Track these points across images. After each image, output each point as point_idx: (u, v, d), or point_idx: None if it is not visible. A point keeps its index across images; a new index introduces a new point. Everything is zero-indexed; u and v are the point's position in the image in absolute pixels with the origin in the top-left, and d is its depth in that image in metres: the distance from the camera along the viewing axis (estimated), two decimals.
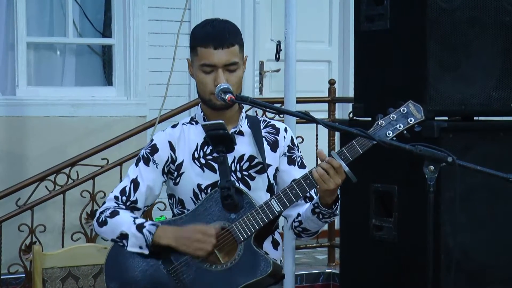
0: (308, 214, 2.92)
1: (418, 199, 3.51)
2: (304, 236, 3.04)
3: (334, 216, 2.90)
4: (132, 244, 2.87)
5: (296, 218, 2.99)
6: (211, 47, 2.88)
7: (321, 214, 2.88)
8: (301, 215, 2.97)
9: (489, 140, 3.81)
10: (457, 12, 3.77)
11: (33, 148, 5.97)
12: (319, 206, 2.85)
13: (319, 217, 2.89)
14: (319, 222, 2.93)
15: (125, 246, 2.88)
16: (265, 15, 6.91)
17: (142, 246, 2.86)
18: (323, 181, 2.74)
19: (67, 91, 6.30)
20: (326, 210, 2.86)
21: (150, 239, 2.85)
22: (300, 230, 3.01)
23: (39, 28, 6.31)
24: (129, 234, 2.86)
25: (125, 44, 6.33)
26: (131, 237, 2.86)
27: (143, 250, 2.86)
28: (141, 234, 2.85)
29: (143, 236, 2.85)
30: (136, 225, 2.87)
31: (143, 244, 2.86)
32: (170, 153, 2.96)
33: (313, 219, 2.91)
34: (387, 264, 3.93)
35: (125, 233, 2.87)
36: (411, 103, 2.78)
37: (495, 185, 3.63)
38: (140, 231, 2.86)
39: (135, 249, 2.87)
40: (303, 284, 5.78)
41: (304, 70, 6.38)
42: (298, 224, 2.99)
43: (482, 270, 3.77)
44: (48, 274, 3.27)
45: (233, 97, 2.82)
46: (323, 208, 2.85)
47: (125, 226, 2.87)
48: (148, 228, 2.86)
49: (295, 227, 3.01)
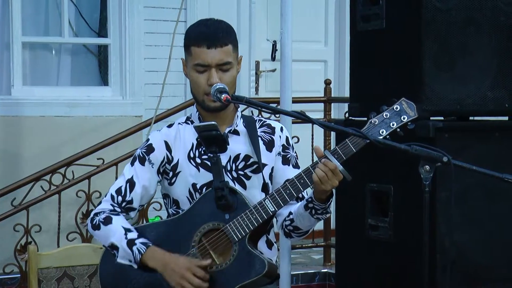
0: (300, 211, 2.90)
1: (413, 198, 3.51)
2: (294, 235, 3.02)
3: (327, 213, 2.88)
4: (122, 256, 2.87)
5: (288, 217, 2.97)
6: (204, 47, 2.87)
7: (314, 209, 2.85)
8: (293, 213, 2.96)
9: (485, 140, 3.81)
10: (452, 12, 3.77)
11: (29, 148, 5.96)
12: (313, 201, 2.84)
13: (312, 212, 2.86)
14: (311, 219, 2.90)
15: (116, 256, 2.88)
16: (261, 15, 6.91)
17: (132, 261, 2.87)
18: (322, 183, 2.73)
19: (62, 91, 6.29)
20: (319, 205, 2.84)
21: (138, 258, 2.84)
22: (290, 229, 2.99)
23: (35, 27, 6.31)
24: (119, 248, 2.86)
25: (121, 44, 6.32)
26: (121, 250, 2.86)
27: (132, 264, 2.87)
28: (130, 251, 2.85)
29: (132, 254, 2.85)
30: (127, 240, 2.86)
31: (132, 259, 2.86)
32: (166, 153, 2.96)
33: (305, 216, 2.89)
34: (382, 264, 3.93)
35: (116, 245, 2.87)
36: (404, 101, 2.77)
37: (491, 185, 3.63)
38: (130, 248, 2.86)
39: (125, 262, 2.88)
40: (299, 284, 5.78)
41: (300, 70, 6.37)
42: (290, 222, 2.97)
43: (477, 270, 3.78)
44: (43, 274, 3.27)
45: (229, 97, 2.82)
46: (316, 202, 2.83)
47: (115, 238, 2.87)
48: (138, 247, 2.85)
49: (285, 225, 2.99)
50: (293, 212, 2.96)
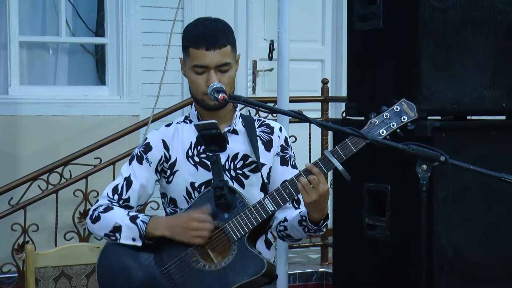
0: (294, 223, 2.92)
1: (411, 198, 3.52)
2: (287, 240, 3.05)
3: (320, 232, 2.89)
4: (125, 236, 2.85)
5: (282, 223, 2.98)
6: (203, 48, 2.87)
7: (307, 228, 2.88)
8: (288, 221, 2.96)
9: (482, 139, 3.81)
10: (449, 11, 3.77)
11: (26, 147, 5.96)
12: (306, 220, 2.85)
13: (305, 230, 2.90)
14: (303, 234, 2.93)
15: (118, 239, 2.86)
16: (258, 14, 6.91)
17: (136, 238, 2.84)
18: (306, 192, 2.72)
19: (60, 90, 6.29)
20: (312, 227, 2.86)
21: (144, 228, 2.83)
22: (284, 235, 3.00)
23: (32, 27, 6.30)
24: (122, 226, 2.85)
25: (118, 43, 6.32)
26: (124, 228, 2.84)
27: (136, 242, 2.84)
28: (134, 224, 2.84)
29: (137, 227, 2.84)
30: (129, 216, 2.86)
31: (136, 235, 2.84)
32: (164, 152, 2.96)
33: (299, 229, 2.91)
34: (380, 263, 3.94)
35: (119, 225, 2.85)
36: (404, 101, 2.78)
37: (488, 184, 3.63)
38: (134, 222, 2.84)
39: (128, 241, 2.85)
40: (296, 283, 5.79)
41: (297, 69, 6.38)
42: (283, 229, 2.98)
43: (474, 269, 3.78)
44: (41, 273, 3.27)
45: (226, 96, 2.81)
46: (310, 224, 2.85)
47: (118, 218, 2.86)
48: (142, 219, 2.85)
49: (279, 230, 3.01)
50: (287, 220, 2.96)
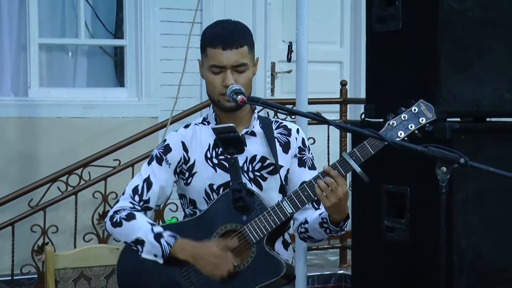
0: (315, 226, 2.92)
1: (430, 200, 3.50)
2: (308, 241, 3.05)
3: (342, 232, 2.89)
4: (147, 251, 2.85)
5: (303, 224, 2.99)
6: (219, 48, 2.87)
7: (328, 229, 2.89)
8: (308, 223, 2.96)
9: (502, 141, 3.79)
10: (469, 13, 3.76)
11: (45, 149, 5.98)
12: (327, 222, 2.86)
13: (326, 231, 2.90)
14: (325, 235, 2.94)
15: (139, 251, 2.86)
16: (277, 16, 6.90)
17: (158, 255, 2.85)
18: (326, 196, 2.72)
19: (79, 92, 6.31)
20: (334, 228, 2.86)
21: (167, 250, 2.83)
22: (305, 237, 3.01)
23: (51, 29, 6.33)
24: (146, 242, 2.84)
25: (137, 45, 6.33)
26: (147, 244, 2.84)
27: (158, 259, 2.85)
28: (158, 244, 2.84)
29: (160, 246, 2.83)
30: (154, 233, 2.85)
31: (159, 253, 2.84)
32: (183, 154, 2.96)
33: (320, 231, 2.92)
34: (399, 266, 3.92)
35: (141, 239, 2.85)
36: (422, 103, 2.77)
37: (508, 187, 3.62)
38: (158, 241, 2.84)
39: (150, 257, 2.86)
40: (314, 285, 5.78)
41: (316, 71, 6.36)
42: (304, 231, 2.99)
43: (494, 272, 3.76)
44: (60, 274, 3.28)
45: (245, 98, 2.82)
46: (331, 225, 2.85)
47: (141, 232, 2.85)
48: (167, 239, 2.84)
49: (301, 232, 3.01)
50: (308, 222, 2.96)
